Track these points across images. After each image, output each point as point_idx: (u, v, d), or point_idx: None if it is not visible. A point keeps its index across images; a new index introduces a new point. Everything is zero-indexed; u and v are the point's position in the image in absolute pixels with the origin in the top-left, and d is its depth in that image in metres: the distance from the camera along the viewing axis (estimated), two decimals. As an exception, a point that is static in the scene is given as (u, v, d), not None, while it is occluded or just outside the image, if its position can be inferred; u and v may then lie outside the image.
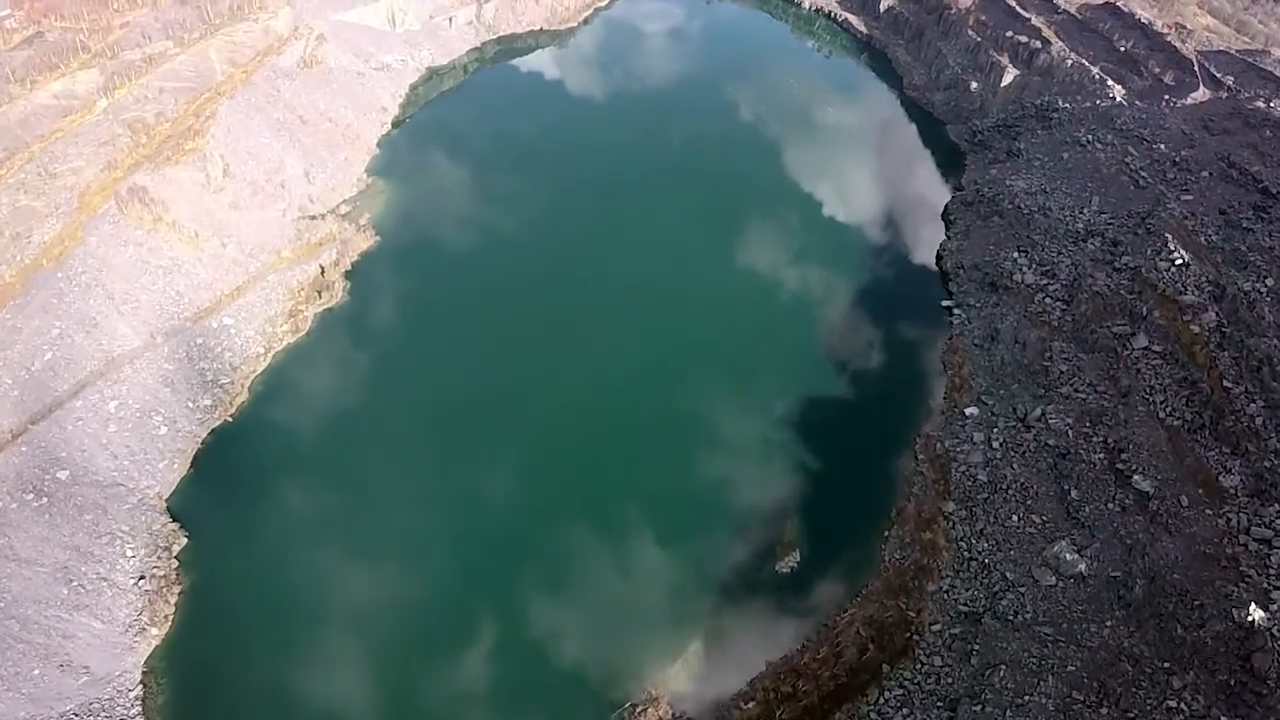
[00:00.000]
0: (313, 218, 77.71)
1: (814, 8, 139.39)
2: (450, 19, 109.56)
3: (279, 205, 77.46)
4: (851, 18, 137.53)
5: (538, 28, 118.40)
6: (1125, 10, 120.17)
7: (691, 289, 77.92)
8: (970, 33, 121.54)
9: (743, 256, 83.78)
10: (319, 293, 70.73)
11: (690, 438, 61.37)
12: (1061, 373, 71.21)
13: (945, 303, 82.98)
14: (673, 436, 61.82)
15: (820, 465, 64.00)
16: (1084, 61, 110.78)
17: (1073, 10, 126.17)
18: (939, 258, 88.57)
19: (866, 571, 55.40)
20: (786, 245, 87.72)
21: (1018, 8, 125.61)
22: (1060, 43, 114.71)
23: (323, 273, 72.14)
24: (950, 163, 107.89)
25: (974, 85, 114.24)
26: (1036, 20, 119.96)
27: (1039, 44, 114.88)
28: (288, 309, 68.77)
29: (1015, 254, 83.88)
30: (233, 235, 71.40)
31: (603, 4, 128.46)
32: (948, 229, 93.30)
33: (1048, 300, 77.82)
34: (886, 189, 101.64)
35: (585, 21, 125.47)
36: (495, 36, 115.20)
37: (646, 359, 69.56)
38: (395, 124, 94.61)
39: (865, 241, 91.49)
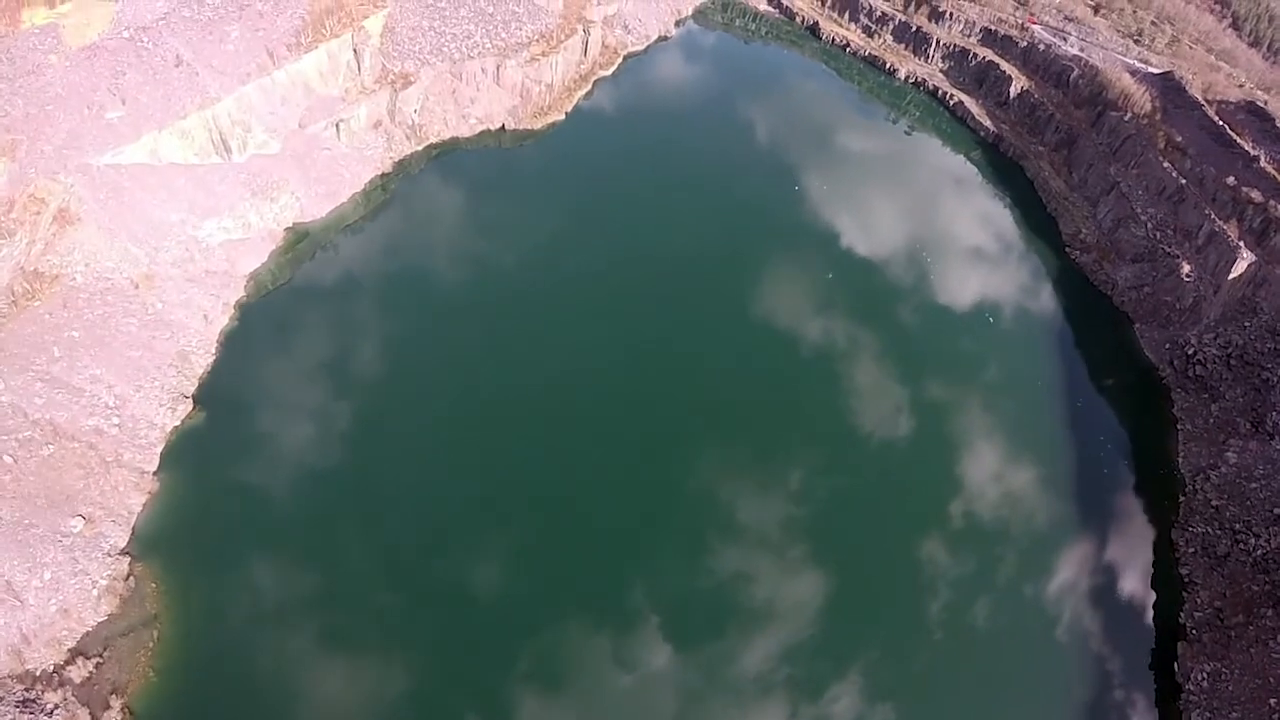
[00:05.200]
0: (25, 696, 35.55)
1: (911, 79, 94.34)
2: (338, 124, 62.12)
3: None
4: (966, 99, 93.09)
5: (497, 125, 71.80)
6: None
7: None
8: (1165, 165, 79.43)
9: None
10: None
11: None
12: None
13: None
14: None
15: None
16: (1356, 254, 70.72)
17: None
18: (1180, 694, 49.87)
19: None
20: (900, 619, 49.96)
21: (1227, 129, 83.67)
22: (1311, 208, 73.86)
23: None
24: (1146, 401, 67.55)
25: (1185, 269, 73.19)
26: (1265, 161, 77.90)
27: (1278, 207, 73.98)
28: None
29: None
30: None
31: (605, 72, 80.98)
32: (1183, 607, 54.01)
33: None
34: (1048, 468, 61.10)
35: (586, 97, 77.81)
36: (423, 146, 68.12)
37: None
38: (203, 390, 49.82)
39: (1020, 621, 52.42)
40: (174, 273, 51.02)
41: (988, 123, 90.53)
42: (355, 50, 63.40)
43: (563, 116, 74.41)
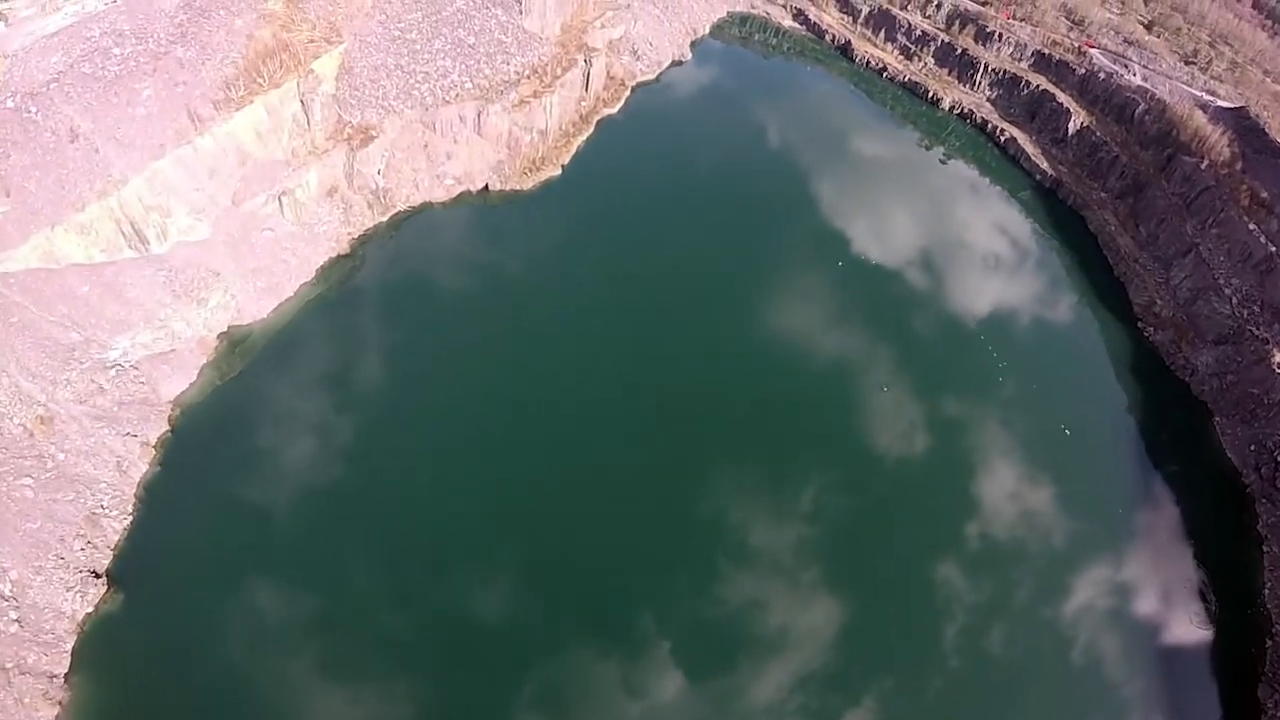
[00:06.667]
0: None
1: (956, 109, 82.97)
2: (282, 197, 51.06)
3: None
4: (1018, 135, 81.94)
5: (478, 185, 60.78)
6: None
7: None
8: (1250, 226, 69.10)
9: None
10: None
11: None
12: None
13: None
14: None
15: None
16: None
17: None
18: None
19: None
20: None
21: (1319, 179, 73.27)
22: None
23: None
24: (1225, 513, 58.06)
25: (1277, 358, 63.40)
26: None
27: (1380, 285, 64.08)
28: None
29: None
30: None
31: (610, 110, 68.92)
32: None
33: None
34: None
35: (587, 143, 65.91)
36: (388, 216, 57.25)
37: None
38: (119, 563, 40.08)
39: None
40: (78, 410, 41.00)
41: (1044, 164, 79.45)
42: (303, 101, 52.11)
43: (558, 171, 62.91)
